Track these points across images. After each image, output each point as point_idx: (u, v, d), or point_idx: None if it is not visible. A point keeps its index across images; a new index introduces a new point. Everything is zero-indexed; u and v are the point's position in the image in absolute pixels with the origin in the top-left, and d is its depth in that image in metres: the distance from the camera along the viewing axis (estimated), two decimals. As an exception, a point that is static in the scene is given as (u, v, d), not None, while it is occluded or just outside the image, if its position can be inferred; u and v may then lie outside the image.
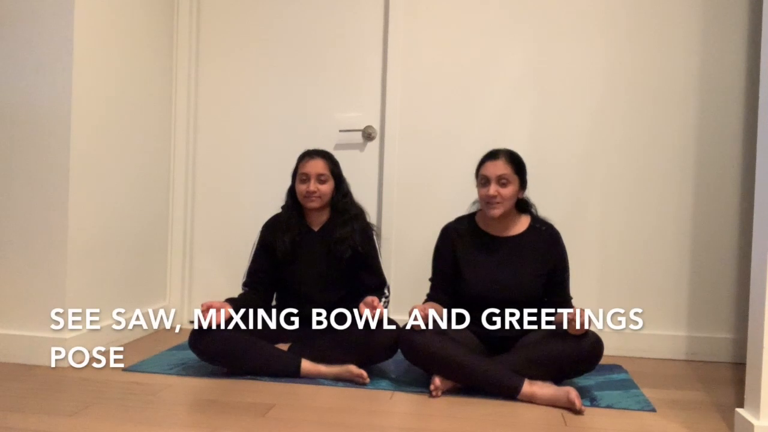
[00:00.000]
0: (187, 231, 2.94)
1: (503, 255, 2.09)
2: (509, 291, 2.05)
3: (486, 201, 2.03)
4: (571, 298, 2.12)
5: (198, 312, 2.02)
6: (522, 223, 2.13)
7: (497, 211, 2.02)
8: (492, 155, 2.07)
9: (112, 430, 1.56)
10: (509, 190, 2.02)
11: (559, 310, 2.03)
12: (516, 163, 2.06)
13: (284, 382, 2.00)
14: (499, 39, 2.67)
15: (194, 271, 2.96)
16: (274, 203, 2.39)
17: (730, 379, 2.23)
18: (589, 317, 1.83)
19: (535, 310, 2.09)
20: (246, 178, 2.90)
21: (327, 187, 2.21)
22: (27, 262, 2.19)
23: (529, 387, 1.84)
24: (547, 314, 2.07)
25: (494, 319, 2.06)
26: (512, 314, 2.06)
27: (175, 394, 1.87)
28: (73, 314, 2.21)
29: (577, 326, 1.82)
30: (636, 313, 2.56)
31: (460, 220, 2.20)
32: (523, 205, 2.14)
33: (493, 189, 2.00)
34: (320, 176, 2.19)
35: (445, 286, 2.15)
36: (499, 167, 2.02)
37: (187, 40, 2.89)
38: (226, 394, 1.87)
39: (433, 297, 2.15)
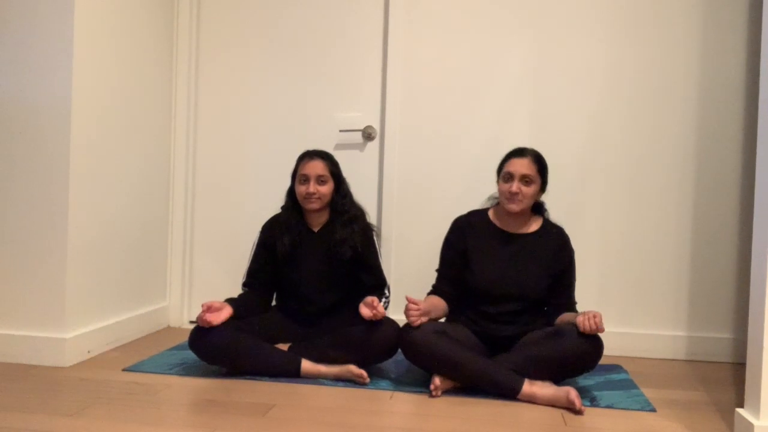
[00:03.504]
0: (187, 231, 2.94)
1: (513, 251, 2.09)
2: (515, 286, 2.05)
3: (507, 197, 2.03)
4: (575, 303, 2.13)
5: (198, 312, 2.02)
6: (534, 224, 2.13)
7: (516, 207, 2.03)
8: (519, 152, 2.07)
9: (112, 430, 1.56)
10: (531, 189, 2.03)
11: (566, 314, 2.03)
12: (541, 164, 2.08)
13: (284, 382, 2.00)
14: (499, 38, 2.67)
15: (194, 271, 2.96)
16: (274, 203, 2.39)
17: (730, 379, 2.23)
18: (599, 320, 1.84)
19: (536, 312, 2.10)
20: (246, 178, 2.90)
21: (327, 189, 2.21)
22: (27, 263, 2.19)
23: (529, 387, 1.85)
24: (551, 321, 2.08)
25: (496, 318, 2.07)
26: (512, 315, 2.06)
27: (175, 394, 1.87)
28: (73, 314, 2.21)
29: (589, 328, 1.82)
30: (636, 314, 2.56)
31: (472, 214, 2.19)
32: (537, 207, 2.15)
33: (515, 186, 2.01)
34: (320, 177, 2.19)
35: (451, 278, 2.15)
36: (525, 166, 2.03)
37: (187, 40, 2.89)
38: (226, 394, 1.87)
39: (438, 288, 2.15)
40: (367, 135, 2.77)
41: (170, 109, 2.89)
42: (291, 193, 2.28)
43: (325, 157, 2.24)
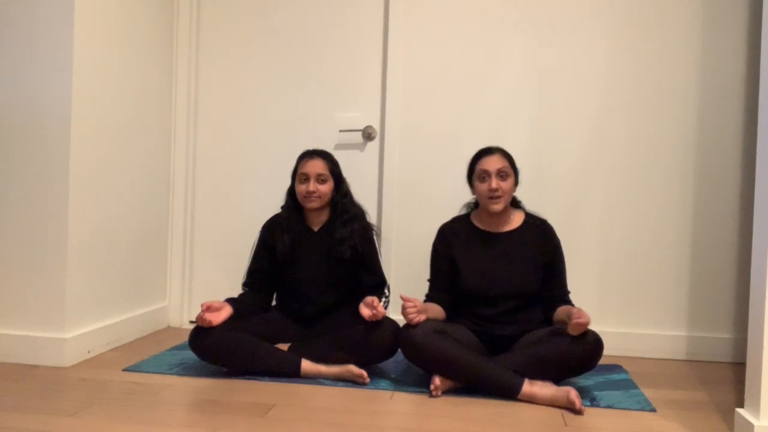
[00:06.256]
0: (187, 231, 2.94)
1: (500, 250, 2.10)
2: (506, 285, 2.05)
3: (488, 196, 2.04)
4: (568, 292, 2.13)
5: (198, 312, 2.02)
6: (516, 219, 2.14)
7: (499, 206, 2.04)
8: (487, 151, 2.10)
9: (112, 430, 1.56)
10: (509, 183, 2.05)
11: (559, 309, 2.03)
12: (510, 158, 2.10)
13: (284, 382, 2.00)
14: (499, 39, 2.67)
15: (194, 271, 2.96)
16: (274, 203, 2.39)
17: (730, 379, 2.23)
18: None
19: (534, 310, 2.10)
20: (246, 178, 2.90)
21: (326, 188, 2.21)
22: (27, 262, 2.19)
23: (529, 387, 1.85)
24: (546, 313, 2.08)
25: (494, 319, 2.07)
26: (510, 313, 2.06)
27: (175, 394, 1.87)
28: (73, 314, 2.21)
29: (581, 330, 1.82)
30: (636, 314, 2.57)
31: (455, 220, 2.22)
32: (515, 201, 2.18)
33: (494, 182, 2.02)
34: (320, 176, 2.19)
35: (444, 285, 2.15)
36: (498, 161, 2.05)
37: (187, 40, 2.89)
38: (226, 394, 1.87)
39: (432, 297, 2.16)
40: (367, 135, 2.77)
41: (170, 109, 2.89)
42: (291, 192, 2.29)
43: (324, 156, 2.24)
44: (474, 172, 2.10)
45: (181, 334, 2.72)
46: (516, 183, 2.11)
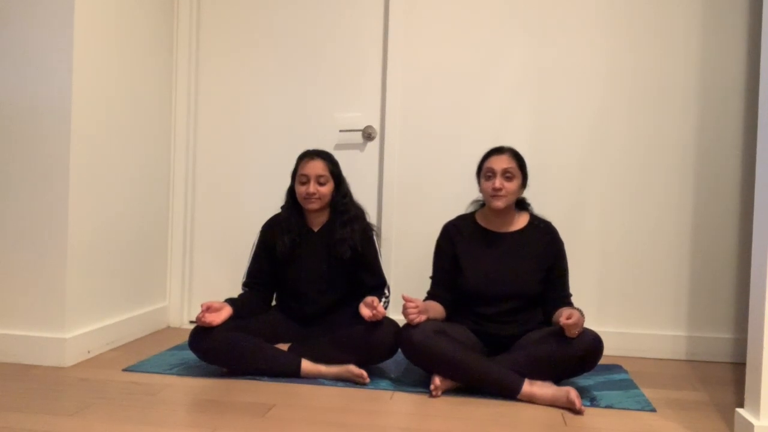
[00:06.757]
0: (187, 231, 2.94)
1: (503, 250, 2.10)
2: (508, 285, 2.05)
3: (491, 194, 2.04)
4: (570, 295, 2.13)
5: (198, 312, 2.02)
6: (521, 221, 2.14)
7: (500, 203, 2.04)
8: (497, 150, 2.11)
9: (112, 430, 1.56)
10: (513, 184, 2.05)
11: (557, 311, 2.03)
12: (519, 159, 2.11)
13: (284, 382, 2.01)
14: (499, 39, 2.67)
15: (194, 271, 2.96)
16: (274, 203, 2.39)
17: (730, 379, 2.23)
18: (580, 316, 1.84)
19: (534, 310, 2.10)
20: (246, 178, 2.90)
21: (326, 189, 2.21)
22: (27, 262, 2.19)
23: (529, 387, 1.85)
24: (547, 315, 2.08)
25: (495, 318, 2.07)
26: (510, 314, 2.06)
27: (175, 394, 1.87)
28: (73, 314, 2.21)
29: (574, 331, 1.82)
30: (636, 314, 2.57)
31: (460, 218, 2.22)
32: (522, 203, 2.18)
33: (498, 182, 2.02)
34: (320, 177, 2.19)
35: (446, 283, 2.15)
36: (505, 161, 2.06)
37: (187, 40, 2.89)
38: (226, 394, 1.87)
39: (433, 294, 2.16)
40: (367, 135, 2.77)
41: (170, 109, 2.89)
42: (291, 192, 2.28)
43: (325, 156, 2.24)
44: (482, 170, 2.11)
45: (181, 334, 2.72)
46: (524, 185, 2.11)
